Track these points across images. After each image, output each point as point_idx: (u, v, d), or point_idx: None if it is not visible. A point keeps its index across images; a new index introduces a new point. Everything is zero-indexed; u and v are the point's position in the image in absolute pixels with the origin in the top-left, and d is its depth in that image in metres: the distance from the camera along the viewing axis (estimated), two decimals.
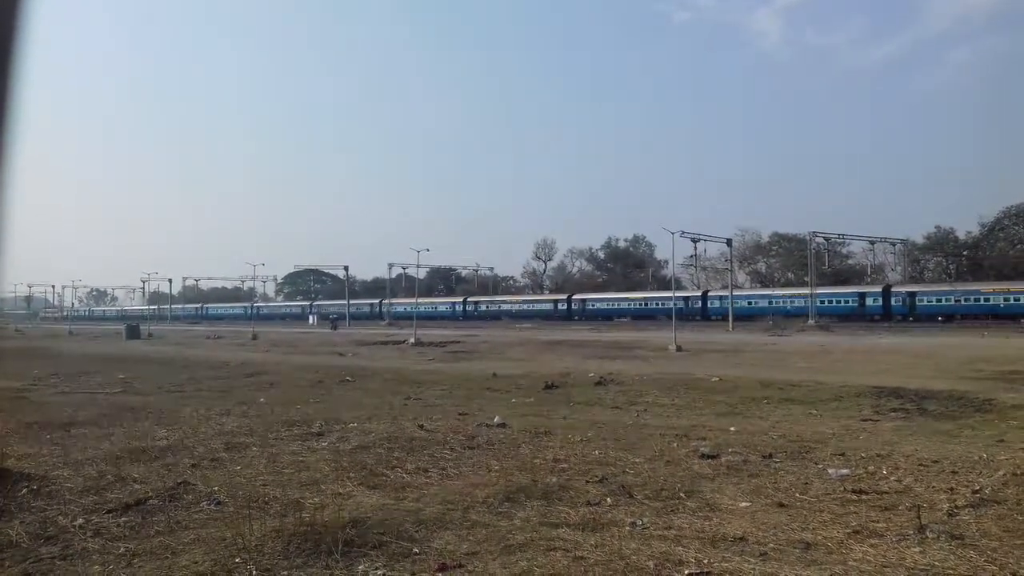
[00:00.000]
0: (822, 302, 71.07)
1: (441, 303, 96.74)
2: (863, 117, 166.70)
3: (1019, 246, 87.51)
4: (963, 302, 62.75)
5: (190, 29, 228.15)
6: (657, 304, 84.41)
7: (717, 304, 79.17)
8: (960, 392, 14.62)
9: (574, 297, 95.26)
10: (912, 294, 69.12)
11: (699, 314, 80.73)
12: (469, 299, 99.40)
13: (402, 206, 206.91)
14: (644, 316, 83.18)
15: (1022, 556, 4.89)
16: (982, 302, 63.60)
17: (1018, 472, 7.17)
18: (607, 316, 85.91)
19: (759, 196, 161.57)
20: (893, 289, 71.26)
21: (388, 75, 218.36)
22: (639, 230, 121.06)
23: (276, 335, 57.16)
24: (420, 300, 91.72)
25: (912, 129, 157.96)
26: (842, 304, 71.76)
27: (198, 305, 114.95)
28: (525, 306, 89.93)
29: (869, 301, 70.37)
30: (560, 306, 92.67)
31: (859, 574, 4.59)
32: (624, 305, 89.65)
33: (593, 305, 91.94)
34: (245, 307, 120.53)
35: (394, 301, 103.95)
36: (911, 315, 66.43)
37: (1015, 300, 62.03)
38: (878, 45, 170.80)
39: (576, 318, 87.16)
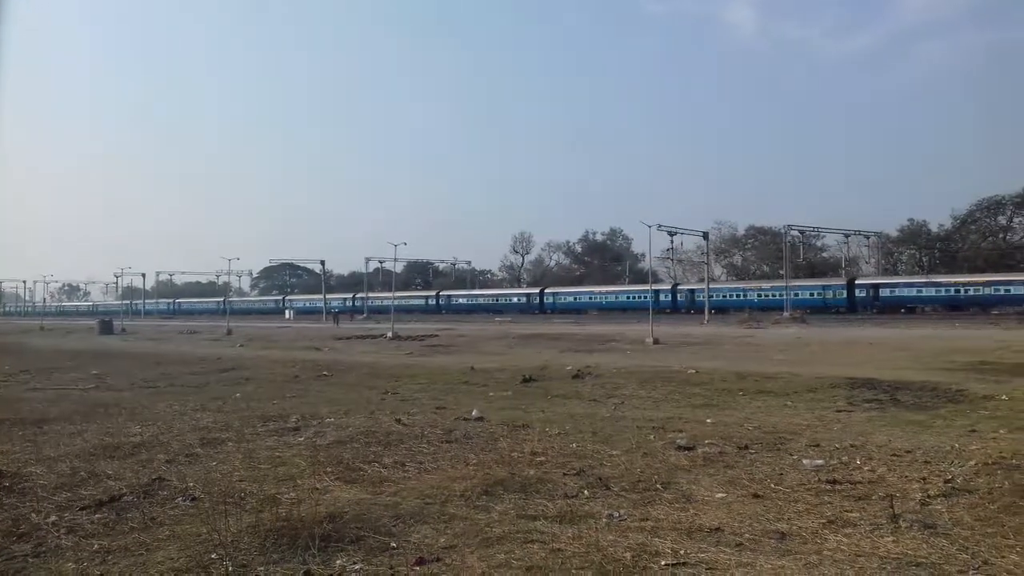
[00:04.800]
0: (628, 297, 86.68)
1: (335, 299, 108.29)
2: (839, 110, 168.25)
3: (990, 238, 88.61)
4: (731, 298, 75.91)
5: (173, 21, 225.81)
6: (507, 300, 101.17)
7: (552, 300, 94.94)
8: (933, 383, 14.76)
9: (441, 293, 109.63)
10: (692, 291, 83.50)
11: (538, 308, 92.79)
12: (358, 295, 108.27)
13: (381, 201, 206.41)
14: (495, 310, 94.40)
15: (993, 544, 4.96)
16: (744, 298, 77.58)
17: (989, 462, 7.28)
18: (468, 310, 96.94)
19: (736, 189, 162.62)
20: (678, 287, 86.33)
21: (368, 70, 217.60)
22: (617, 223, 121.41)
23: (252, 330, 56.74)
24: (314, 296, 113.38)
25: (887, 122, 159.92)
26: (639, 299, 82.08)
27: (127, 301, 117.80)
28: (404, 302, 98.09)
29: (661, 297, 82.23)
30: (430, 302, 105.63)
31: (833, 563, 4.64)
32: (480, 301, 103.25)
33: (457, 300, 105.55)
34: (169, 302, 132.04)
35: (295, 297, 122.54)
36: (691, 309, 78.87)
37: (768, 296, 76.84)
38: (852, 38, 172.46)
39: (443, 312, 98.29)
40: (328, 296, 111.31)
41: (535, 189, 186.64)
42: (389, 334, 42.46)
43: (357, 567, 4.72)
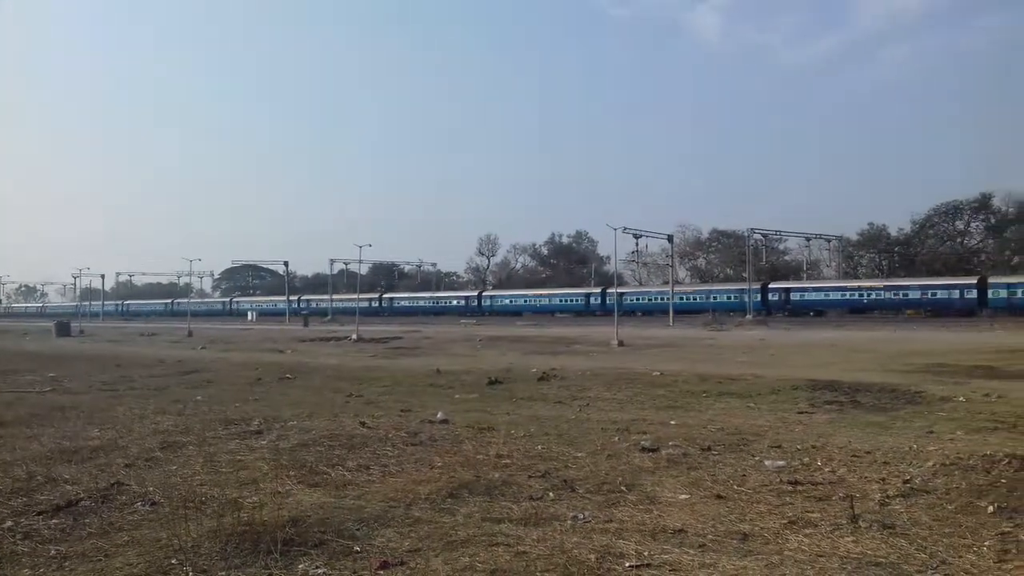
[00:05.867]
0: (561, 301, 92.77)
1: (280, 300, 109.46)
2: (801, 114, 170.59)
3: (948, 242, 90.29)
4: (647, 301, 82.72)
5: (134, 16, 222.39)
6: (446, 302, 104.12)
7: (488, 303, 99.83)
8: (892, 385, 14.99)
9: (384, 296, 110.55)
10: (621, 294, 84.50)
11: (475, 311, 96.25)
12: (303, 297, 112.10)
13: (346, 202, 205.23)
14: (438, 313, 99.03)
15: (951, 544, 5.05)
16: (657, 301, 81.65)
17: (947, 462, 7.40)
18: (410, 312, 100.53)
19: (701, 192, 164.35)
20: (607, 291, 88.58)
21: (329, 72, 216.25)
22: (583, 226, 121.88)
23: (213, 332, 56.12)
24: (260, 299, 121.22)
25: (849, 126, 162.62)
26: (574, 303, 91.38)
27: (75, 303, 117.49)
28: (348, 304, 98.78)
29: (592, 300, 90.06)
30: (373, 303, 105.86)
31: (794, 564, 4.69)
32: (421, 303, 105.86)
33: (399, 303, 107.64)
34: (117, 304, 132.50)
35: (242, 299, 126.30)
36: (620, 311, 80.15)
37: (691, 299, 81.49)
38: (814, 43, 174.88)
39: (386, 314, 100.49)
40: (274, 298, 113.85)
41: (502, 191, 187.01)
42: (353, 336, 42.26)
43: (320, 571, 4.68)
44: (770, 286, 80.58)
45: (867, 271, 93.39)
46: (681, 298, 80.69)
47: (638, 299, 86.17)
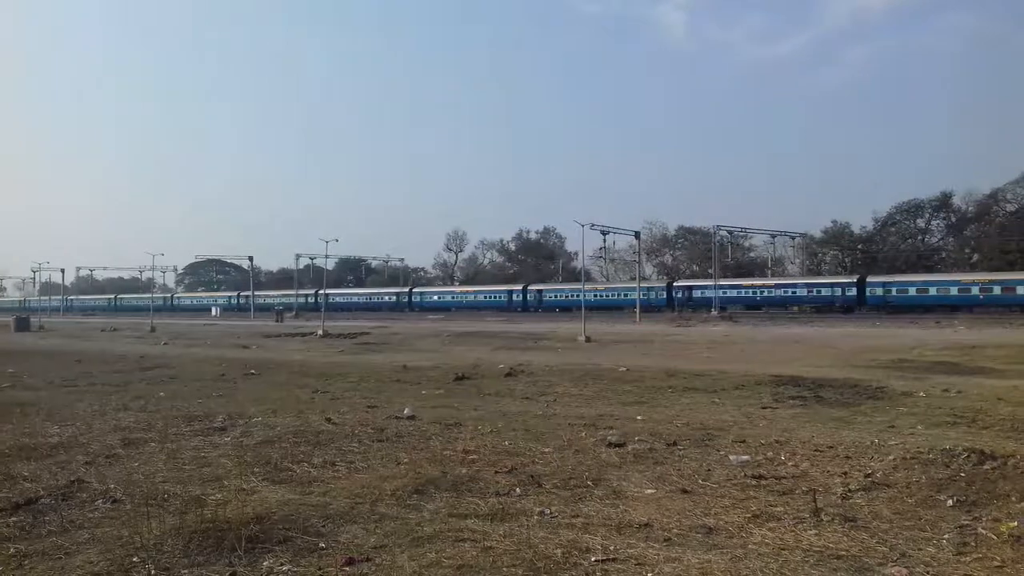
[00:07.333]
0: (486, 297, 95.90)
1: (221, 296, 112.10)
2: (765, 111, 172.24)
3: (909, 240, 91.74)
4: (569, 298, 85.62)
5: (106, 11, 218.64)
6: (378, 298, 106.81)
7: (419, 299, 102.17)
8: (854, 380, 15.20)
9: (319, 292, 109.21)
10: (540, 291, 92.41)
11: (406, 307, 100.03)
12: (241, 293, 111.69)
13: (314, 197, 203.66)
14: (371, 308, 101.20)
15: (911, 537, 5.13)
16: (575, 298, 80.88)
17: (907, 456, 7.51)
18: (343, 308, 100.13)
19: (669, 189, 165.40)
20: (529, 288, 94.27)
21: (293, 67, 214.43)
22: (551, 222, 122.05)
23: (176, 327, 55.45)
24: (203, 294, 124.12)
25: (813, 124, 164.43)
26: (497, 300, 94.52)
27: (16, 298, 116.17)
28: (284, 300, 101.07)
29: (515, 297, 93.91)
30: (310, 299, 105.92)
31: (758, 557, 4.74)
32: (354, 299, 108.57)
33: (333, 299, 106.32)
34: (61, 299, 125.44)
35: (184, 295, 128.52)
36: (540, 308, 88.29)
37: (605, 297, 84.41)
38: (779, 42, 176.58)
39: (320, 309, 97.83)
40: (215, 295, 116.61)
41: (470, 186, 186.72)
42: (319, 332, 41.94)
43: (285, 568, 4.64)
44: (674, 284, 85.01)
45: (831, 268, 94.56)
46: (595, 295, 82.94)
47: (555, 296, 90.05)
